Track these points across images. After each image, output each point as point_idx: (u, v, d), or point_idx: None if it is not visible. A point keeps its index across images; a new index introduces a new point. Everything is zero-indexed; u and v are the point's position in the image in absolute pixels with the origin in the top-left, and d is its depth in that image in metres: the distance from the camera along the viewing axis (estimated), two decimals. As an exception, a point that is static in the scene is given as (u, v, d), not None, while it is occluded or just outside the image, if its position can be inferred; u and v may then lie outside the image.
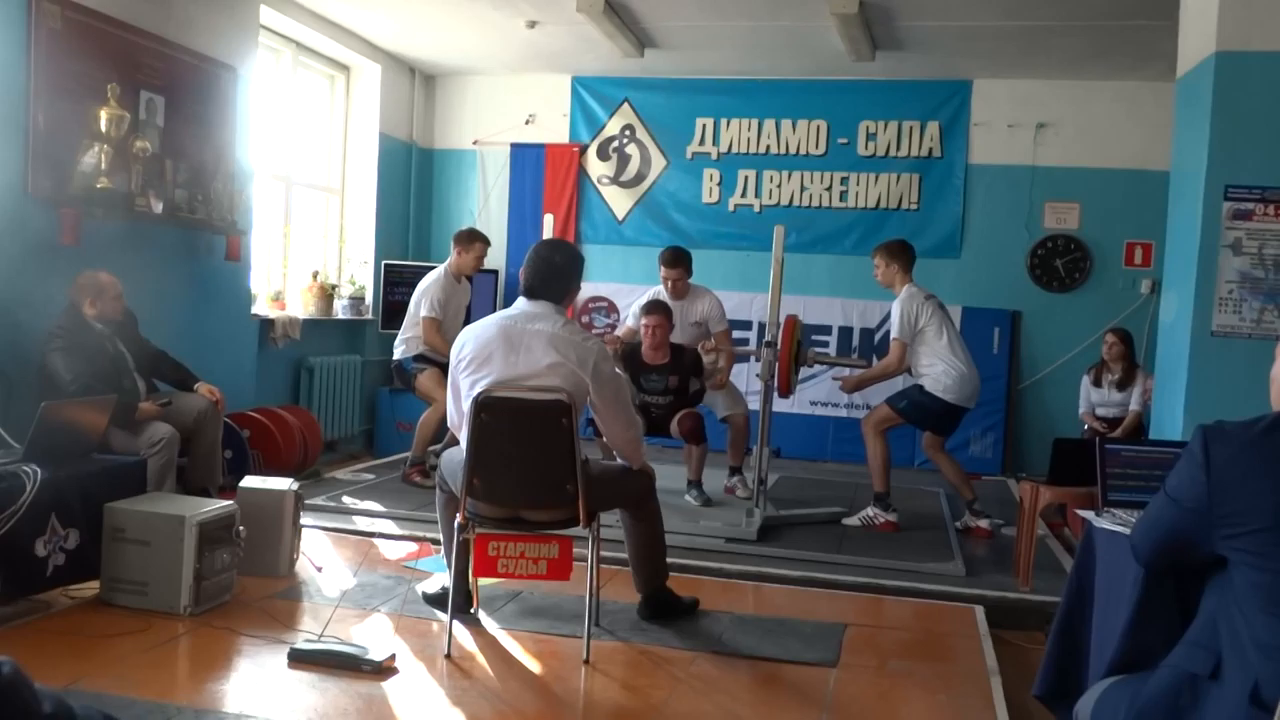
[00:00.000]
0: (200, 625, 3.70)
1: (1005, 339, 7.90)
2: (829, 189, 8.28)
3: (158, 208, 5.36)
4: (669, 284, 6.07)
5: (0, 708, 0.56)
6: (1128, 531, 2.28)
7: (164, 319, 5.37)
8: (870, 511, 5.67)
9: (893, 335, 5.63)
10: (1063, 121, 7.87)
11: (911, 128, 8.12)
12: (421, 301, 6.22)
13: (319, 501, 5.58)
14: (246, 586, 4.07)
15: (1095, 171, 7.79)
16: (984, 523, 5.63)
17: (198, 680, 3.34)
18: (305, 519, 4.65)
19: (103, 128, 4.98)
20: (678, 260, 6.10)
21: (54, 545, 3.70)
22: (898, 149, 8.16)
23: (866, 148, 8.21)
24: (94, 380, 4.49)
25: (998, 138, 7.97)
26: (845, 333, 8.12)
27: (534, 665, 3.53)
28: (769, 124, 8.36)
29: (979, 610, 4.30)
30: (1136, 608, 2.19)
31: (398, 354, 6.35)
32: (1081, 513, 2.83)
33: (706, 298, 6.19)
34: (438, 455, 5.12)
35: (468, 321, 3.86)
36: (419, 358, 6.20)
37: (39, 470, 3.60)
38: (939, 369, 5.52)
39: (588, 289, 8.23)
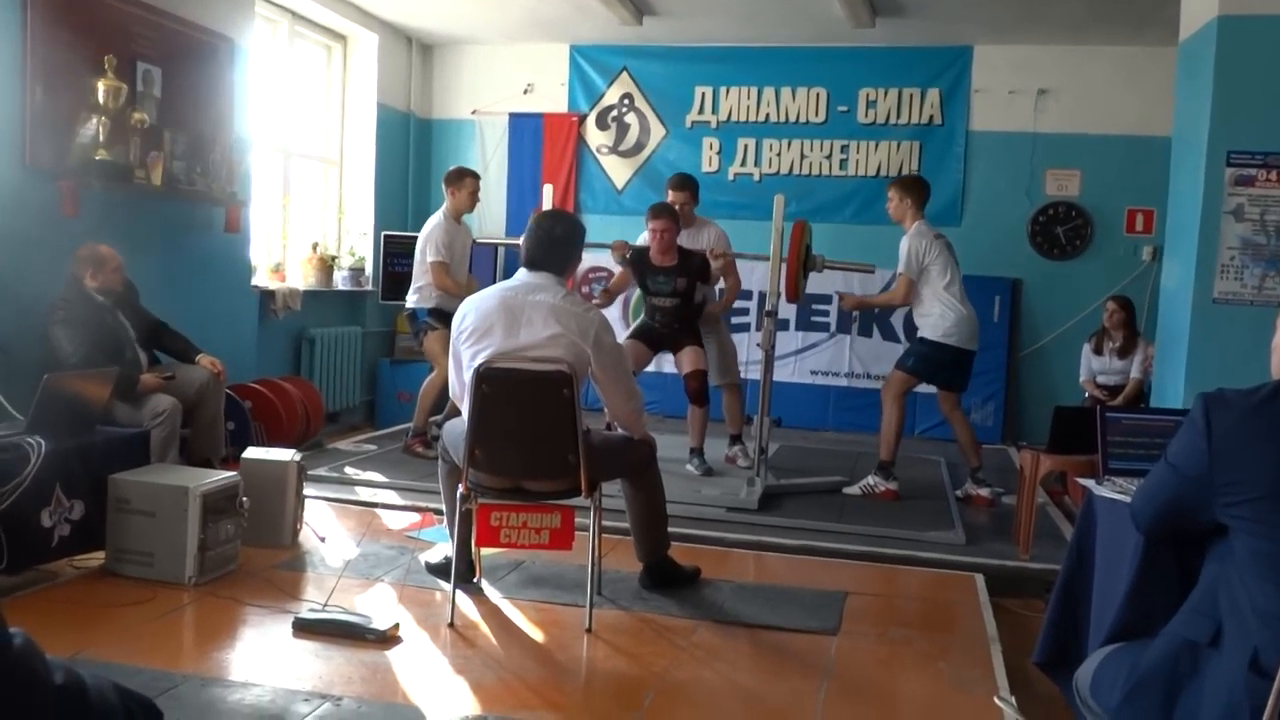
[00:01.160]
0: (205, 595, 3.73)
1: (1006, 307, 7.89)
2: (829, 157, 8.25)
3: (156, 179, 5.34)
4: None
5: (13, 678, 0.57)
6: (1128, 499, 2.29)
7: (164, 291, 5.37)
8: (871, 480, 5.69)
9: (899, 270, 5.62)
10: (1064, 88, 7.82)
11: (912, 95, 8.08)
12: (426, 248, 6.19)
13: (321, 472, 5.60)
14: (250, 557, 4.10)
15: (1096, 138, 7.76)
16: (985, 491, 5.66)
17: (203, 649, 3.37)
18: (308, 489, 4.67)
19: (100, 99, 4.96)
20: (685, 184, 6.10)
21: (59, 516, 3.72)
22: (898, 116, 8.12)
23: (866, 115, 8.17)
24: (96, 352, 4.50)
25: (998, 104, 7.93)
26: (845, 302, 8.11)
27: (536, 634, 3.56)
28: (768, 92, 8.32)
29: (979, 579, 4.33)
30: (1136, 575, 2.21)
31: (411, 302, 6.31)
32: (1082, 481, 2.85)
33: (710, 228, 6.16)
34: (439, 426, 5.13)
35: (485, 286, 3.85)
36: (434, 312, 6.15)
37: (43, 442, 3.61)
38: (937, 312, 5.53)
39: (588, 259, 8.19)
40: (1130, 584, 2.22)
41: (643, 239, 6.06)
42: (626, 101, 8.57)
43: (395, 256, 7.89)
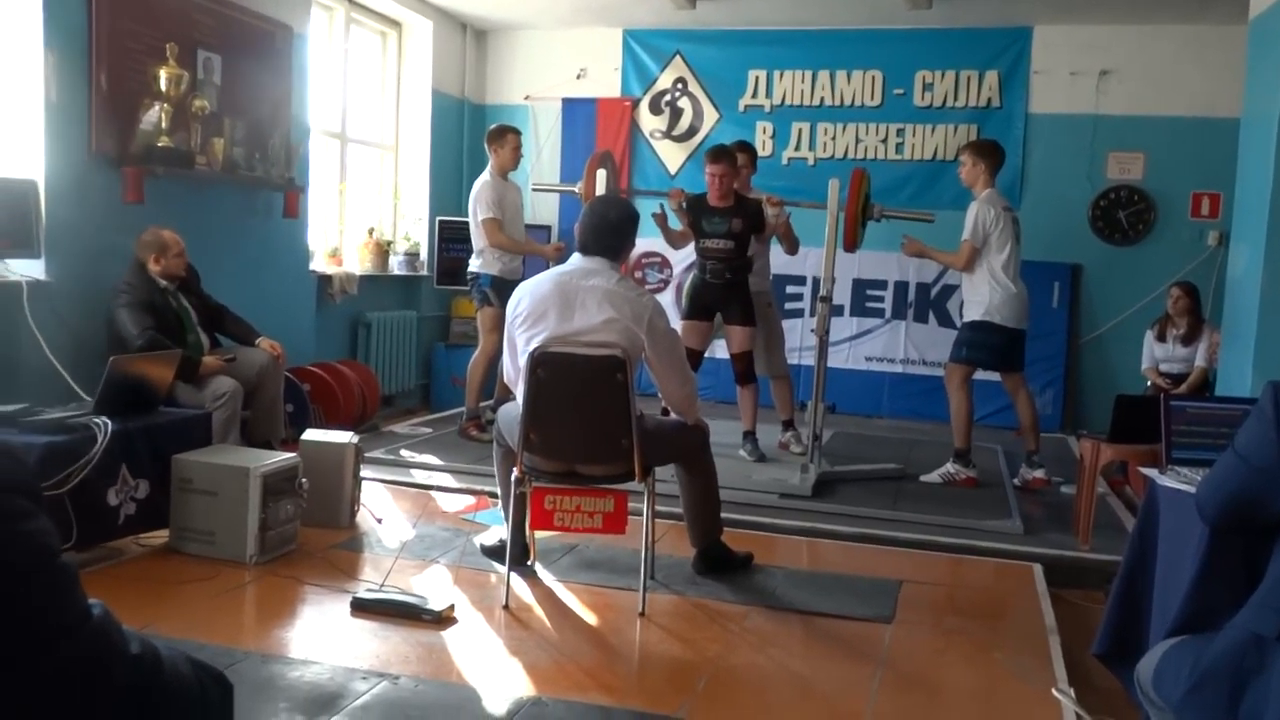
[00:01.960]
0: (265, 574, 3.79)
1: (1065, 293, 7.77)
2: (884, 141, 8.16)
3: (217, 165, 5.42)
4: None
5: (94, 646, 0.58)
6: (1193, 490, 2.25)
7: (225, 275, 5.45)
8: (951, 468, 5.63)
9: (964, 237, 5.52)
10: (1127, 68, 7.66)
11: (969, 77, 7.96)
12: (476, 208, 6.20)
13: (378, 454, 5.66)
14: (309, 537, 4.16)
15: (1161, 119, 7.59)
16: (1040, 472, 5.59)
17: (264, 626, 3.43)
18: (365, 471, 4.73)
19: (162, 87, 5.04)
20: (745, 148, 6.05)
21: (125, 495, 3.80)
22: (955, 99, 8.01)
23: (923, 98, 8.07)
24: (159, 335, 4.58)
25: (1059, 86, 7.79)
26: (901, 287, 8.04)
27: (590, 617, 3.58)
28: (823, 75, 8.24)
29: (1037, 569, 4.27)
30: (1201, 567, 2.17)
31: (474, 266, 6.29)
32: (1144, 470, 2.80)
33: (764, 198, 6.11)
34: (493, 410, 5.17)
35: (539, 279, 3.86)
36: (496, 282, 6.13)
37: (109, 422, 3.69)
38: (983, 291, 5.45)
39: (641, 244, 8.16)
40: (1195, 576, 2.18)
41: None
42: (680, 86, 8.54)
43: (450, 242, 7.94)
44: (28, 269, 4.55)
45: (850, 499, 5.21)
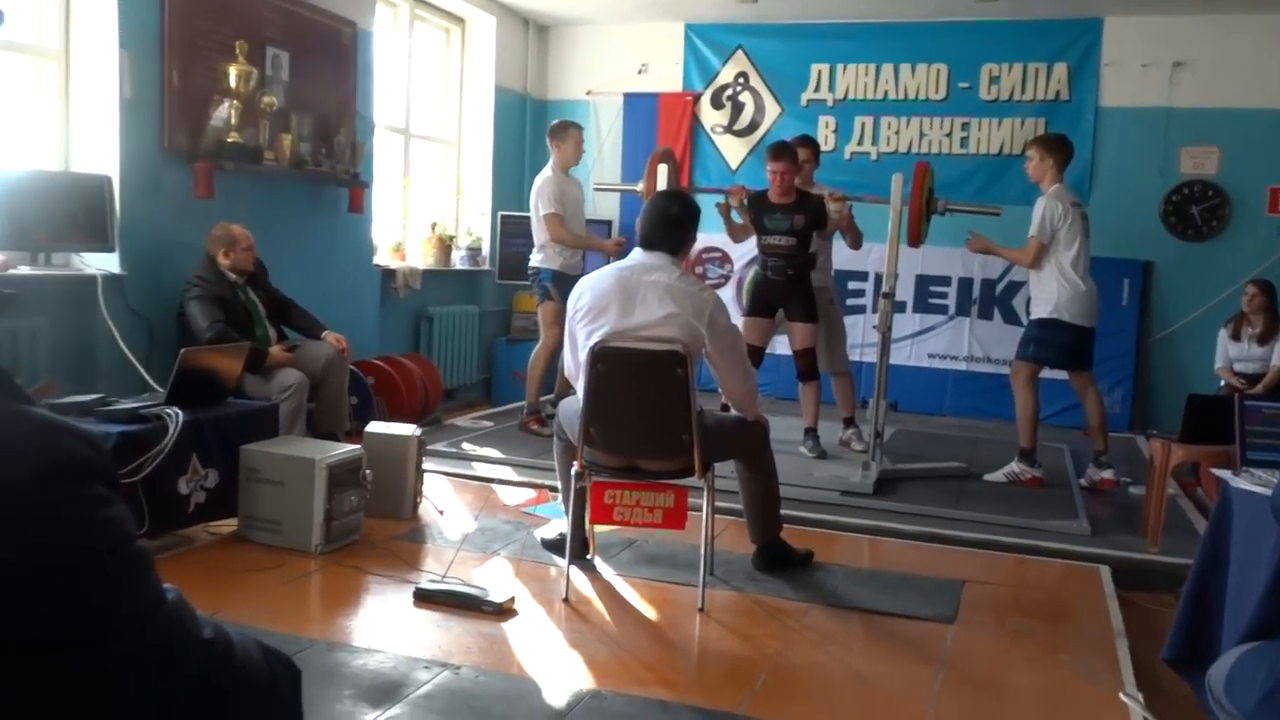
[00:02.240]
0: (330, 563, 3.85)
1: (1136, 290, 7.61)
2: (949, 135, 8.05)
3: (284, 160, 5.51)
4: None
5: (168, 631, 0.59)
6: (1268, 492, 2.20)
7: (291, 269, 5.54)
8: (1016, 467, 5.55)
9: (1031, 233, 5.42)
10: (1201, 60, 7.48)
11: (1037, 70, 7.82)
12: (538, 203, 6.22)
13: (440, 447, 5.72)
14: (372, 527, 4.22)
15: (1236, 112, 7.39)
16: (1108, 473, 5.49)
17: (329, 615, 3.49)
18: (427, 464, 4.79)
19: (232, 84, 5.13)
20: (807, 143, 6.02)
21: (195, 484, 3.88)
22: (1022, 92, 7.88)
23: (989, 91, 7.95)
24: (228, 328, 4.67)
25: (1130, 78, 7.62)
26: (965, 284, 7.93)
27: (649, 612, 3.58)
28: (887, 69, 8.15)
29: (1104, 570, 4.19)
30: (1276, 571, 2.12)
31: (535, 261, 6.32)
32: (1217, 472, 2.74)
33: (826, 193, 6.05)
34: (553, 404, 5.20)
35: (600, 274, 3.86)
36: (557, 276, 6.15)
37: (180, 413, 3.77)
38: (1052, 288, 5.36)
39: (702, 239, 8.14)
40: (1270, 579, 2.13)
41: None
42: (741, 80, 8.50)
43: (511, 236, 7.99)
44: (102, 263, 4.67)
45: (912, 497, 5.16)
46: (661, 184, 6.21)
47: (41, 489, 0.55)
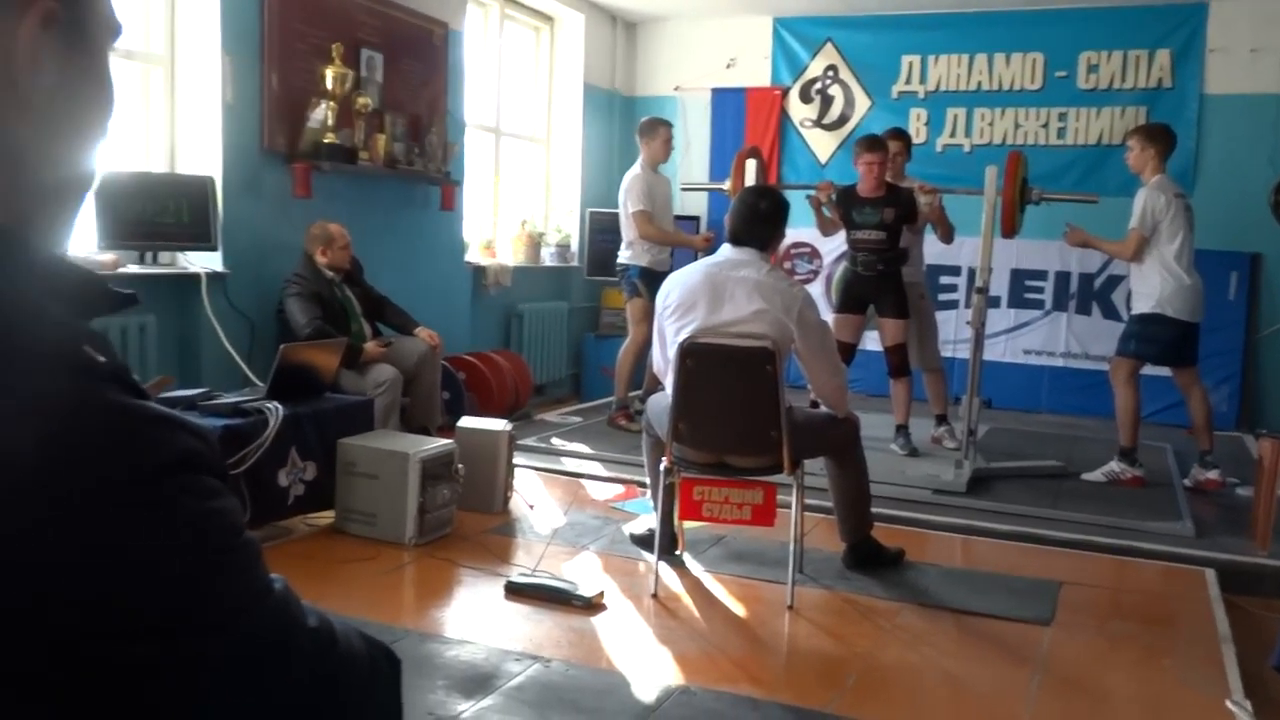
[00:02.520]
0: (423, 555, 3.92)
1: (1243, 284, 7.34)
2: (1045, 126, 7.86)
3: (378, 160, 5.62)
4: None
5: (277, 618, 0.61)
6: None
7: (385, 266, 5.65)
8: (1115, 466, 5.39)
9: (1132, 225, 5.26)
10: (1315, 45, 7.18)
11: (1138, 57, 7.59)
12: (627, 200, 6.24)
13: (530, 442, 5.77)
14: (464, 521, 4.28)
15: (1352, 99, 7.08)
16: (1214, 474, 5.31)
17: (422, 606, 3.55)
18: (517, 459, 4.84)
19: (329, 85, 5.24)
20: (899, 135, 5.96)
21: (294, 476, 3.98)
22: (1122, 80, 7.65)
23: (1087, 80, 7.73)
24: (326, 324, 4.78)
25: (1238, 64, 7.34)
26: (1062, 278, 7.73)
27: (738, 609, 3.57)
28: (980, 59, 7.99)
29: (1210, 574, 4.06)
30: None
31: (623, 258, 6.36)
32: (1332, 472, 2.63)
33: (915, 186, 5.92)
34: (642, 400, 5.21)
35: (686, 268, 3.86)
36: (644, 273, 6.16)
37: (280, 407, 3.87)
38: (1154, 282, 5.19)
39: (790, 234, 8.05)
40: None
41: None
42: (831, 73, 8.41)
43: (600, 233, 8.03)
44: (206, 261, 4.81)
45: (1007, 496, 5.05)
46: (750, 181, 6.19)
47: (156, 482, 0.57)
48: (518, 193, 8.01)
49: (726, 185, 6.02)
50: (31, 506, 0.52)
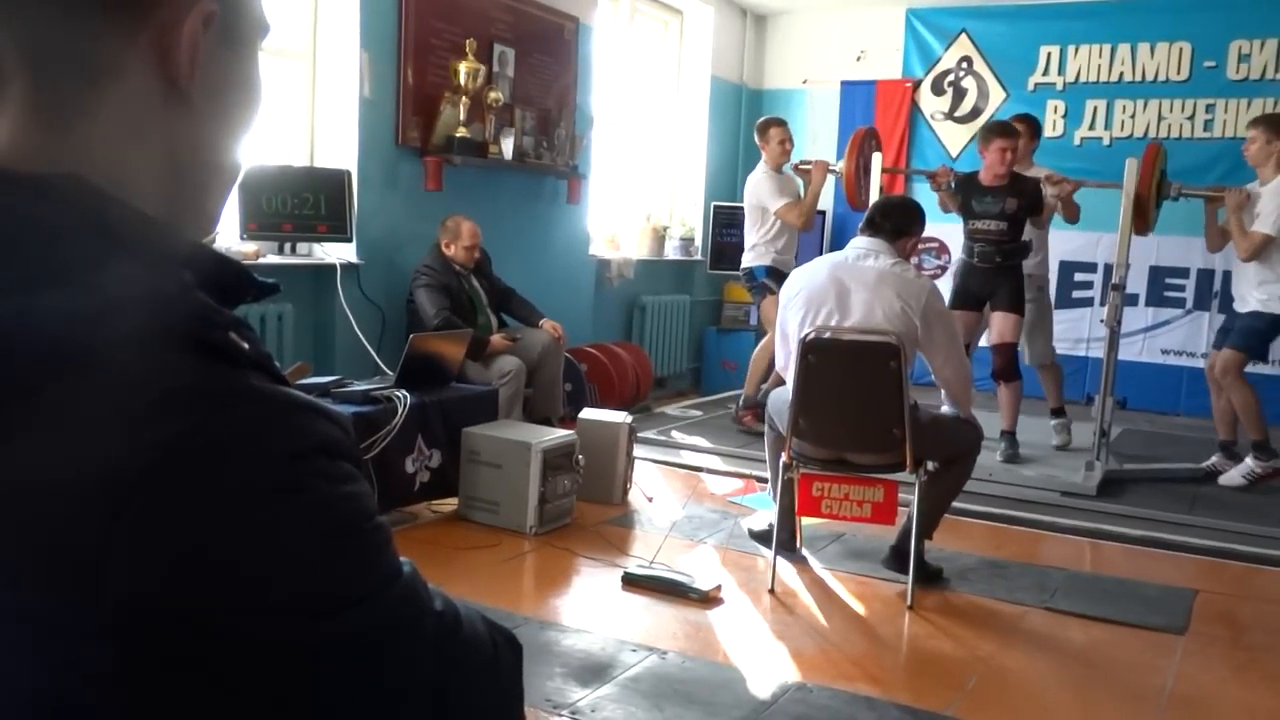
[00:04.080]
0: (543, 544, 3.99)
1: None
2: (1191, 118, 7.52)
3: (508, 154, 5.72)
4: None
5: (406, 598, 0.64)
6: None
7: (512, 258, 5.75)
8: (1252, 463, 5.14)
9: (1264, 229, 4.95)
10: None
11: (1294, 45, 7.20)
12: (764, 200, 6.07)
13: (649, 435, 5.81)
14: (583, 511, 4.34)
15: None
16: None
17: (541, 595, 3.62)
18: (637, 451, 4.87)
19: (461, 81, 5.36)
20: (1026, 119, 5.81)
21: (420, 463, 4.10)
22: (1276, 70, 7.26)
23: (1238, 70, 7.37)
24: (453, 315, 4.90)
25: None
26: (1205, 276, 7.39)
27: (857, 606, 3.54)
28: (1123, 49, 7.68)
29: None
30: None
31: (746, 261, 6.25)
32: None
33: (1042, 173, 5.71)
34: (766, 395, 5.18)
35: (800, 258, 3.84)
36: (771, 272, 6.04)
37: (408, 395, 3.99)
38: (1276, 288, 4.96)
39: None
40: None
41: None
42: (965, 65, 8.21)
43: (724, 227, 8.01)
44: (341, 252, 4.98)
45: (1140, 500, 4.87)
46: (876, 170, 6.09)
47: (294, 466, 0.59)
48: (643, 186, 8.05)
49: (839, 165, 5.93)
50: (174, 489, 0.55)
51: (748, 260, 6.26)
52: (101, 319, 0.56)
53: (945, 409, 4.01)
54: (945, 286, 7.48)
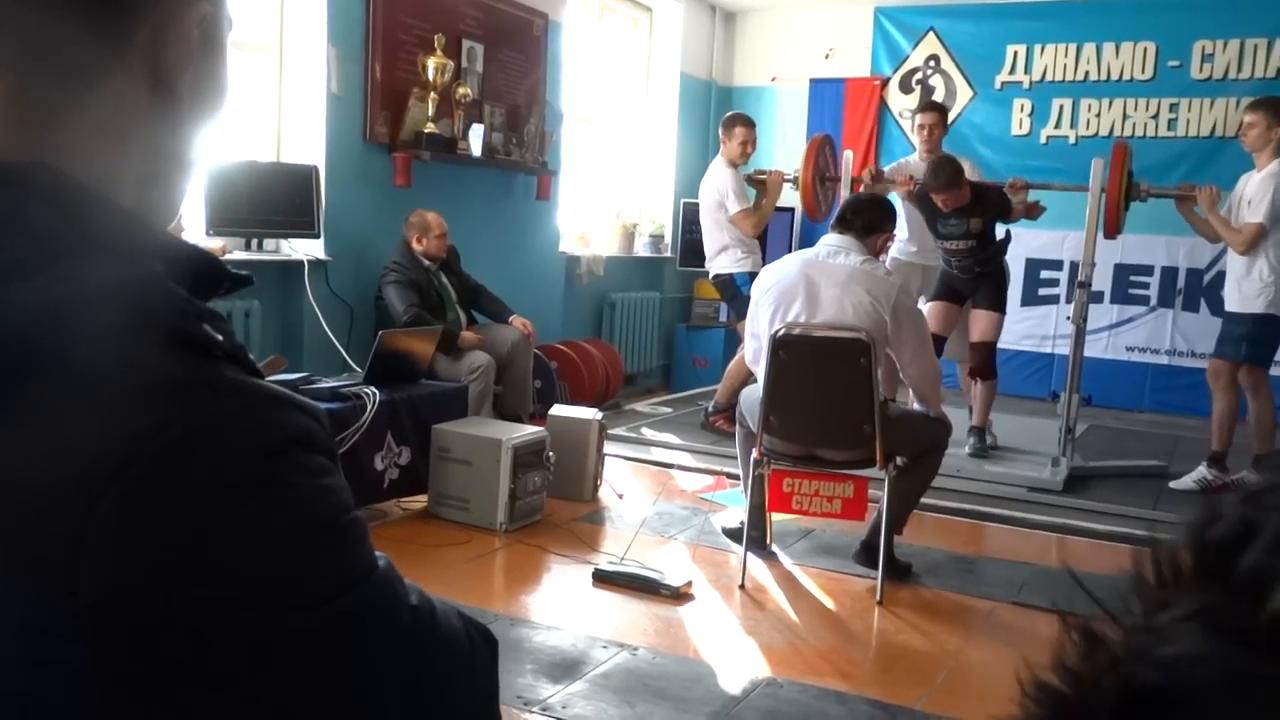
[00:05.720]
0: (514, 541, 3.98)
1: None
2: (1155, 117, 7.60)
3: (476, 150, 5.69)
4: (925, 131, 5.73)
5: (382, 593, 0.63)
6: None
7: (482, 254, 5.72)
8: (1207, 472, 5.11)
9: (1256, 218, 4.88)
10: None
11: (1256, 45, 7.29)
12: (724, 201, 5.89)
13: (620, 432, 5.80)
14: (554, 508, 4.33)
15: None
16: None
17: (512, 592, 3.61)
18: (607, 448, 4.87)
19: (430, 76, 5.33)
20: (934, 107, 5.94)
21: (390, 460, 4.07)
22: (1239, 70, 7.36)
23: (1201, 70, 7.46)
24: (423, 311, 4.87)
25: (1364, 53, 7.02)
26: (1169, 274, 7.48)
27: (827, 602, 3.56)
28: (1088, 48, 7.76)
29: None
30: None
31: (721, 266, 5.97)
32: None
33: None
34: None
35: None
36: (754, 279, 5.88)
37: (377, 392, 3.96)
38: (1266, 279, 4.90)
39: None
40: None
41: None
42: (932, 63, 8.26)
43: (694, 224, 7.99)
44: (309, 248, 4.94)
45: (1105, 495, 4.92)
46: (846, 173, 6.10)
47: (270, 459, 0.59)
48: (612, 183, 8.04)
49: (795, 174, 5.89)
50: (150, 482, 0.54)
51: (723, 265, 5.99)
52: (75, 310, 0.55)
53: (915, 405, 4.03)
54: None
